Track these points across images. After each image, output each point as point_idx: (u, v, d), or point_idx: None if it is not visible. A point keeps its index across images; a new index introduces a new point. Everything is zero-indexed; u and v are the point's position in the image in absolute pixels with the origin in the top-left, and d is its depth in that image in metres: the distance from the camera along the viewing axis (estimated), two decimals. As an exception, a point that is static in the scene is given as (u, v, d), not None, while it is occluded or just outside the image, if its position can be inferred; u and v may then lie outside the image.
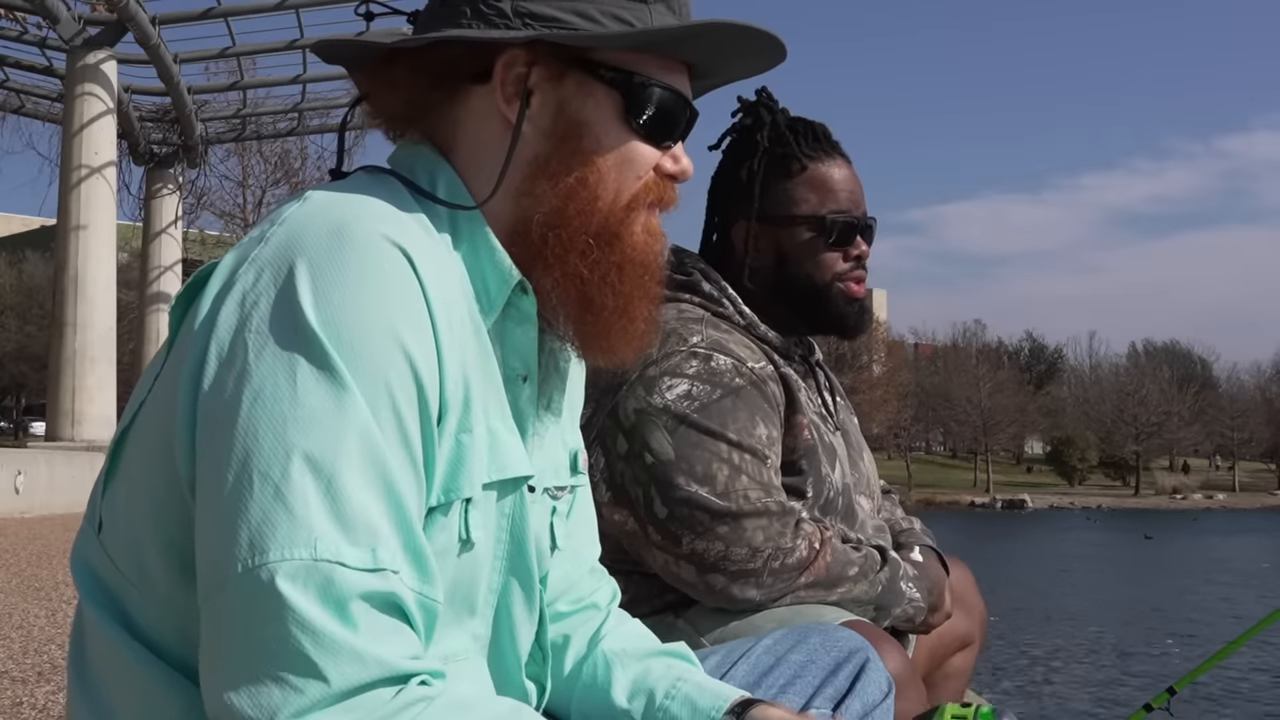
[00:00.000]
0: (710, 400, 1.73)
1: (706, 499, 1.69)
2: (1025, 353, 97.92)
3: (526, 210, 1.09)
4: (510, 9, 1.08)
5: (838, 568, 1.75)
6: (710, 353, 1.77)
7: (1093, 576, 26.25)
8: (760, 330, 1.89)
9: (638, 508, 1.72)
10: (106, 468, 1.05)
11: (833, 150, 1.94)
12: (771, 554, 1.69)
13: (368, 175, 1.10)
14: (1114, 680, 12.65)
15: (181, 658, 0.98)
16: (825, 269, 1.91)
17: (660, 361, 1.75)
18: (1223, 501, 78.10)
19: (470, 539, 1.04)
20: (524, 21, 1.08)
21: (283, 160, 36.69)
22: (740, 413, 1.74)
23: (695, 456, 1.70)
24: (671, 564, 1.72)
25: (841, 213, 1.91)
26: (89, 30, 18.40)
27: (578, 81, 1.10)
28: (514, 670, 1.15)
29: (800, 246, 1.91)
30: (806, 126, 1.95)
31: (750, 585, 1.69)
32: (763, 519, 1.70)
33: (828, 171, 1.92)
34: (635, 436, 1.72)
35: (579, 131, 1.10)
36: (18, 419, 50.65)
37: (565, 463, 1.22)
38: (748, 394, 1.76)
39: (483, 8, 1.08)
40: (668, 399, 1.73)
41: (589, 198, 1.09)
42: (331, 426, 0.90)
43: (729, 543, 1.68)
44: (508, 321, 1.10)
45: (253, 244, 0.98)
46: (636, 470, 1.72)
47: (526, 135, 1.09)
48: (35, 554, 8.78)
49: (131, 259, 31.50)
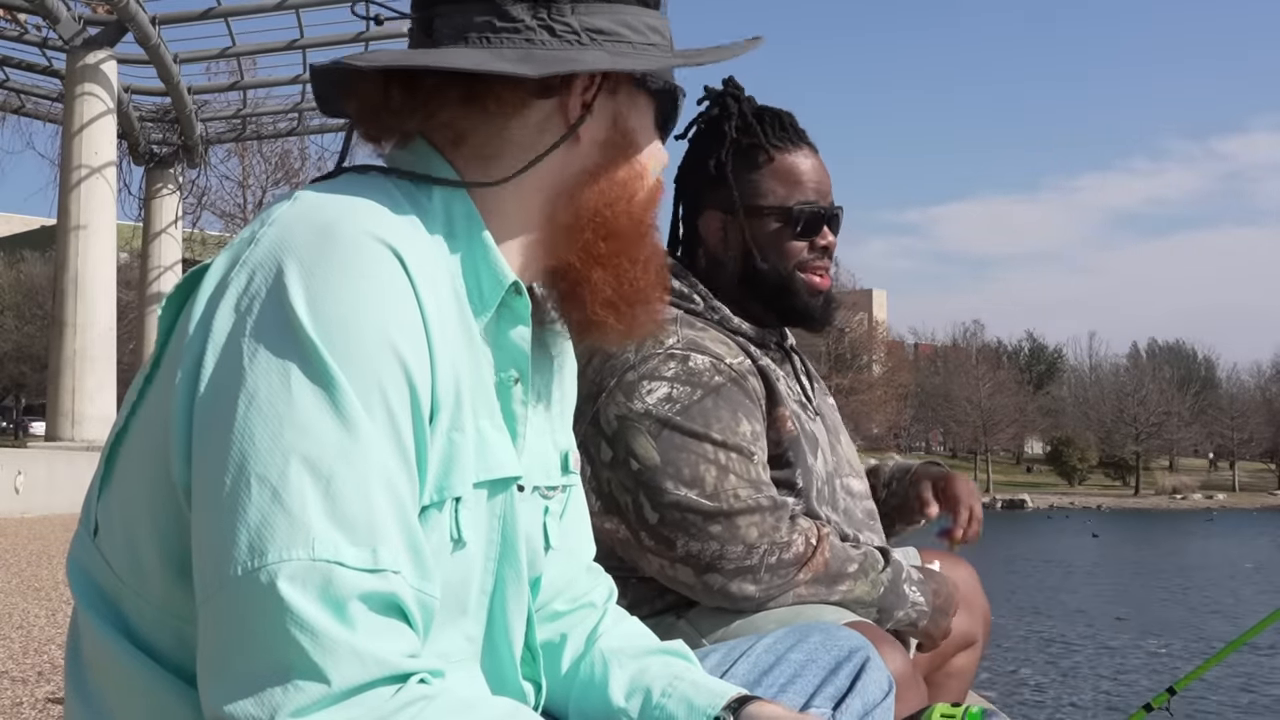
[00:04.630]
0: (691, 401, 1.72)
1: (696, 501, 1.68)
2: (1025, 353, 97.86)
3: (553, 209, 1.11)
4: (578, 25, 1.08)
5: (837, 564, 1.74)
6: (687, 353, 1.76)
7: (1093, 576, 26.24)
8: (734, 324, 1.88)
9: (628, 515, 1.71)
10: (101, 471, 1.05)
11: (799, 140, 1.94)
12: (767, 549, 1.69)
13: (359, 174, 1.09)
14: (1114, 680, 12.65)
15: (178, 661, 0.98)
16: (790, 258, 1.90)
17: (638, 365, 1.73)
18: (1222, 501, 78.10)
19: (462, 538, 1.04)
20: (590, 37, 1.08)
21: (283, 160, 36.78)
22: (722, 411, 1.73)
23: (681, 459, 1.69)
24: (667, 568, 1.71)
25: (809, 203, 1.90)
26: (89, 30, 18.38)
27: (629, 92, 1.14)
28: (509, 671, 1.14)
29: (767, 237, 1.90)
30: (774, 116, 1.94)
31: (748, 582, 1.69)
32: (755, 515, 1.69)
33: (795, 162, 1.92)
34: (619, 443, 1.71)
35: (631, 139, 1.14)
36: (18, 419, 50.63)
37: (556, 462, 1.22)
38: (728, 391, 1.75)
39: (554, 24, 1.08)
40: (648, 403, 1.71)
41: (629, 199, 1.14)
42: (327, 427, 0.90)
43: (723, 541, 1.68)
44: (500, 323, 1.09)
45: (243, 245, 0.98)
46: (623, 477, 1.71)
47: (583, 141, 1.12)
48: (35, 554, 8.78)
49: (131, 259, 31.48)
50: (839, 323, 68.29)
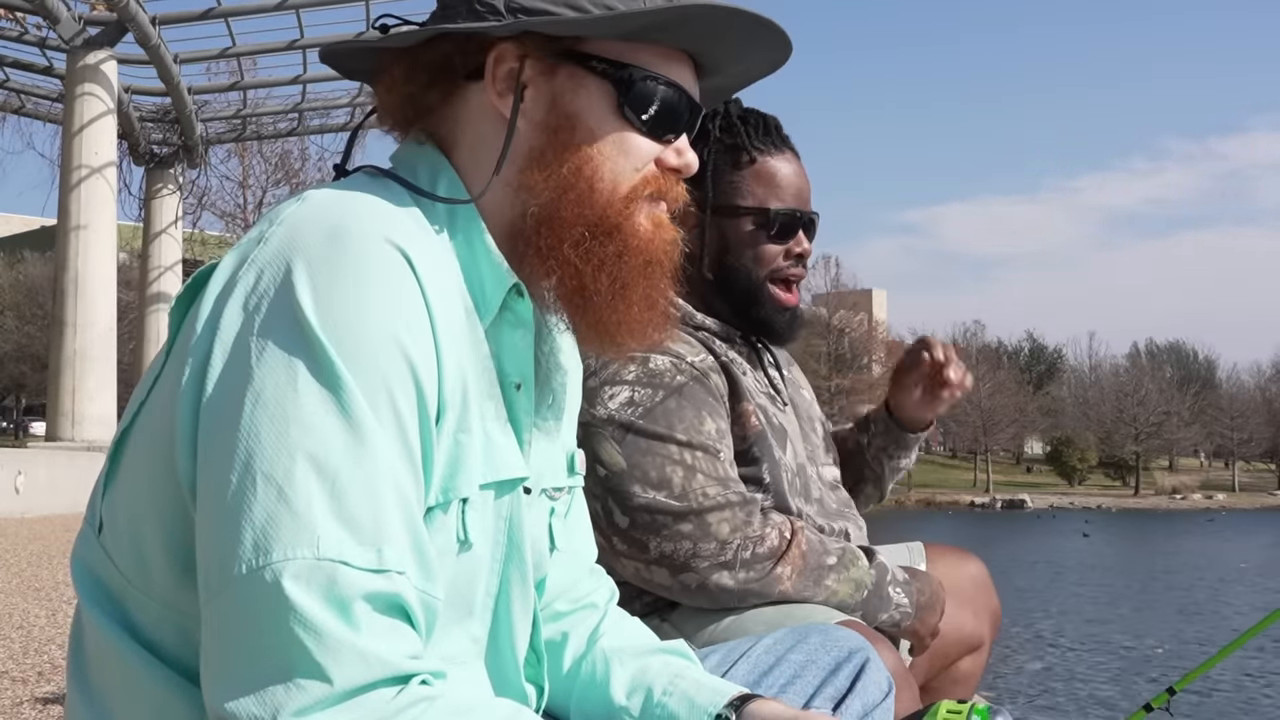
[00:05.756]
0: (654, 403, 1.72)
1: (665, 503, 1.68)
2: (1025, 353, 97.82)
3: (524, 204, 1.09)
4: (503, 5, 1.07)
5: (815, 556, 1.73)
6: (647, 354, 1.75)
7: (1093, 576, 26.24)
8: (696, 320, 1.87)
9: (598, 521, 1.69)
10: (106, 469, 1.05)
11: (782, 145, 1.94)
12: (741, 544, 1.68)
13: (366, 176, 1.09)
14: (1114, 680, 12.65)
15: (182, 659, 0.98)
16: (764, 263, 1.90)
17: (599, 371, 1.73)
18: (1222, 502, 78.04)
19: (468, 539, 1.04)
20: (514, 15, 1.07)
21: (283, 160, 36.79)
22: (686, 411, 1.73)
23: (647, 463, 1.69)
24: (643, 570, 1.71)
25: (786, 208, 1.91)
26: (89, 30, 18.38)
27: (569, 74, 1.09)
28: (513, 673, 1.15)
29: (742, 237, 1.90)
30: (759, 119, 1.94)
31: (724, 575, 1.68)
32: (725, 511, 1.69)
33: (776, 165, 1.92)
34: (584, 450, 1.71)
35: (572, 124, 1.09)
36: (18, 419, 50.63)
37: (562, 463, 1.23)
38: (690, 390, 1.75)
39: (475, 4, 1.08)
40: (610, 409, 1.71)
41: (585, 189, 1.08)
42: (333, 427, 0.90)
43: (696, 540, 1.67)
44: (503, 325, 1.09)
45: (252, 244, 0.98)
46: (591, 484, 1.69)
47: (522, 129, 1.09)
48: (35, 554, 8.77)
49: (131, 259, 31.51)
50: (838, 322, 67.52)
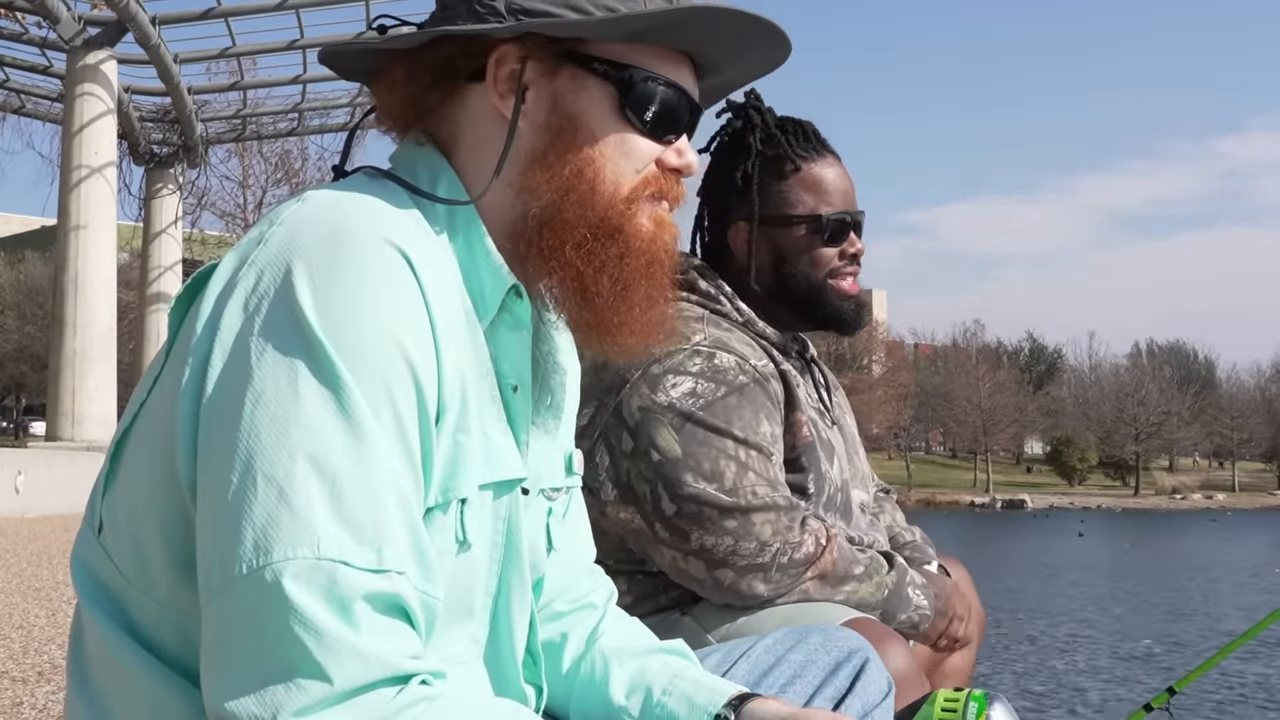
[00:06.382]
0: (715, 398, 1.74)
1: (714, 495, 1.70)
2: (1025, 353, 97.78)
3: (525, 205, 1.09)
4: (504, 6, 1.08)
5: (844, 565, 1.75)
6: (714, 350, 1.79)
7: (1093, 576, 26.25)
8: (758, 327, 1.91)
9: (644, 505, 1.72)
10: (106, 469, 1.05)
11: (823, 149, 1.97)
12: (780, 549, 1.70)
13: (366, 177, 1.10)
14: (1114, 680, 12.65)
15: (181, 659, 0.98)
16: (821, 266, 1.93)
17: (664, 360, 1.76)
18: (1222, 502, 78.03)
19: (467, 540, 1.04)
20: (516, 17, 1.07)
21: (283, 160, 36.79)
22: (745, 410, 1.75)
23: (702, 454, 1.71)
24: (679, 560, 1.73)
25: (837, 211, 1.93)
26: (89, 30, 18.38)
27: (571, 75, 1.10)
28: (512, 673, 1.15)
29: (797, 245, 1.93)
30: (796, 126, 1.97)
31: (758, 580, 1.70)
32: (770, 513, 1.71)
33: (821, 171, 1.95)
34: (641, 434, 1.73)
35: (573, 125, 1.09)
36: (18, 419, 50.63)
37: (560, 464, 1.23)
38: (751, 391, 1.78)
39: (476, 6, 1.08)
40: (673, 396, 1.73)
41: (586, 190, 1.08)
42: (333, 427, 0.90)
43: (737, 537, 1.69)
44: (501, 326, 1.09)
45: (252, 245, 0.98)
46: (643, 468, 1.72)
47: (523, 130, 1.09)
48: (35, 554, 8.77)
49: (131, 259, 31.47)
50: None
